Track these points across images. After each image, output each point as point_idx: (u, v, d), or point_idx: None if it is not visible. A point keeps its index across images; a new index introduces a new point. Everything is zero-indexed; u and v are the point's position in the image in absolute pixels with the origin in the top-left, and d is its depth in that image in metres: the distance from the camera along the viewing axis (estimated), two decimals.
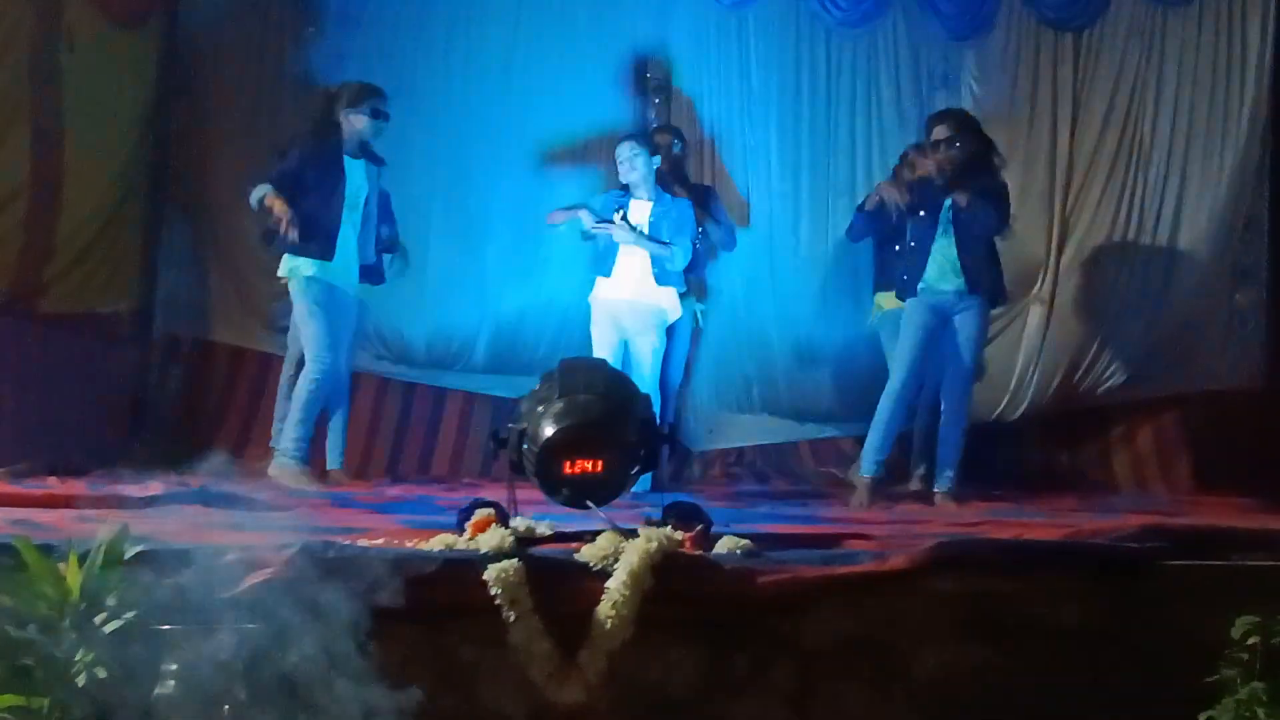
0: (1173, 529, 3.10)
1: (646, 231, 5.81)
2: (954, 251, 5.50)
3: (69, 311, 6.20)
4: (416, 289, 6.90)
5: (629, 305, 5.87)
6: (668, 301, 5.94)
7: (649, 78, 7.18)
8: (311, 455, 5.74)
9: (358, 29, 7.13)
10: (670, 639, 2.81)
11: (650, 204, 5.88)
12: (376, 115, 5.72)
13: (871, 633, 2.84)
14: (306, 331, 5.68)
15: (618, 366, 5.73)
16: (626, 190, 5.93)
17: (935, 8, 7.04)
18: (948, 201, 5.49)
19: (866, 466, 5.50)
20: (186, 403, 6.98)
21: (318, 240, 5.62)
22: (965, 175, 5.45)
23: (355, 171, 5.73)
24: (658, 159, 5.98)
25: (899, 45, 7.10)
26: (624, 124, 7.04)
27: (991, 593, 2.89)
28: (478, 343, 7.01)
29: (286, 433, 5.62)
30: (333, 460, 6.11)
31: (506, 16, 7.12)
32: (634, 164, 5.84)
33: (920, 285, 5.56)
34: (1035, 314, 6.98)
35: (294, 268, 5.67)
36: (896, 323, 6.01)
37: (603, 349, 5.84)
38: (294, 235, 5.51)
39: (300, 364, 5.80)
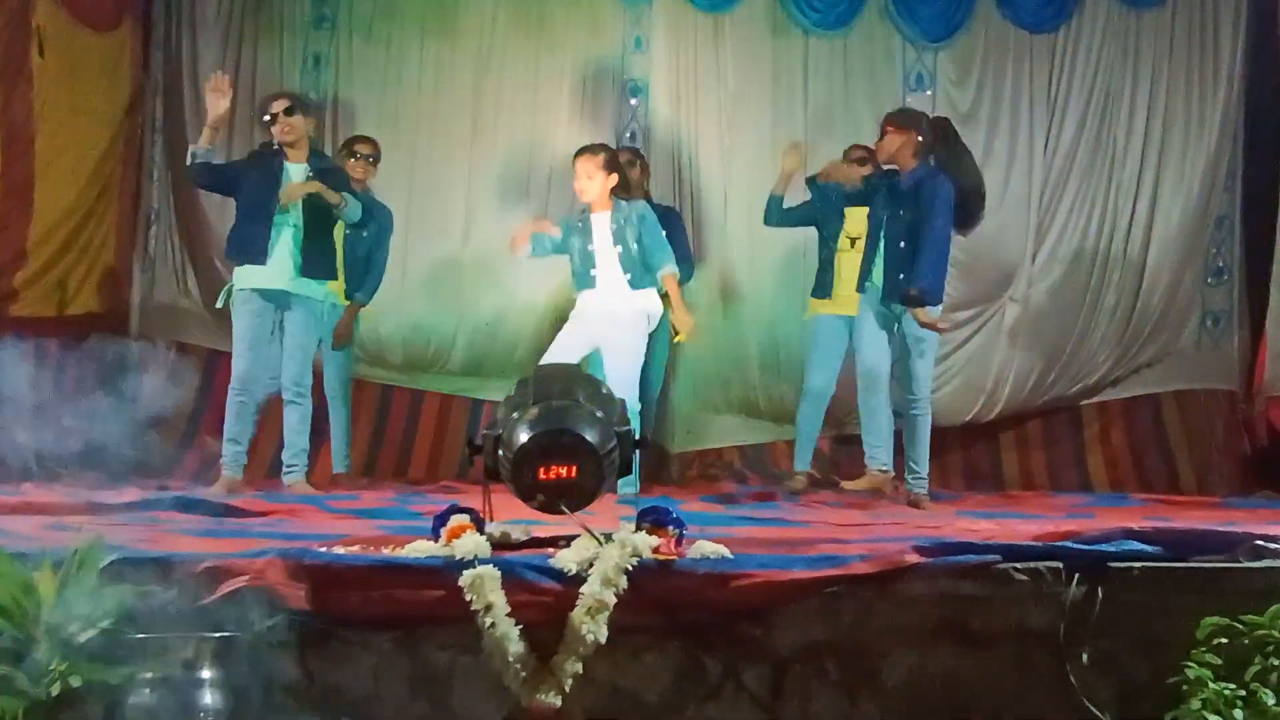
0: (1144, 530, 3.12)
1: (611, 240, 5.78)
2: (888, 253, 5.41)
3: (42, 315, 6.18)
4: (393, 291, 6.90)
5: (611, 313, 5.83)
6: (650, 305, 5.91)
7: (626, 81, 7.19)
8: (314, 461, 5.84)
9: (333, 35, 7.14)
10: (644, 644, 2.83)
11: (609, 212, 5.80)
12: (272, 119, 5.51)
13: (844, 636, 2.86)
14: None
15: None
16: (585, 208, 5.87)
17: (910, 11, 7.07)
18: (889, 200, 5.44)
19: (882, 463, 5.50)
20: (162, 408, 6.94)
21: (248, 248, 5.50)
22: (922, 173, 5.43)
23: (296, 177, 5.54)
24: (615, 178, 5.95)
25: (874, 48, 7.13)
26: (604, 126, 7.06)
27: (963, 595, 2.91)
28: (454, 345, 7.01)
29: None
30: (337, 464, 6.22)
31: (481, 21, 7.12)
32: (587, 185, 5.74)
33: (868, 283, 5.53)
34: (1010, 314, 7.03)
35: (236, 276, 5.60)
36: (825, 328, 6.17)
37: (565, 356, 5.74)
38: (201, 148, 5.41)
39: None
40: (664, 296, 5.87)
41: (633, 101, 7.19)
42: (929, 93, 7.09)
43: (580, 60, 7.13)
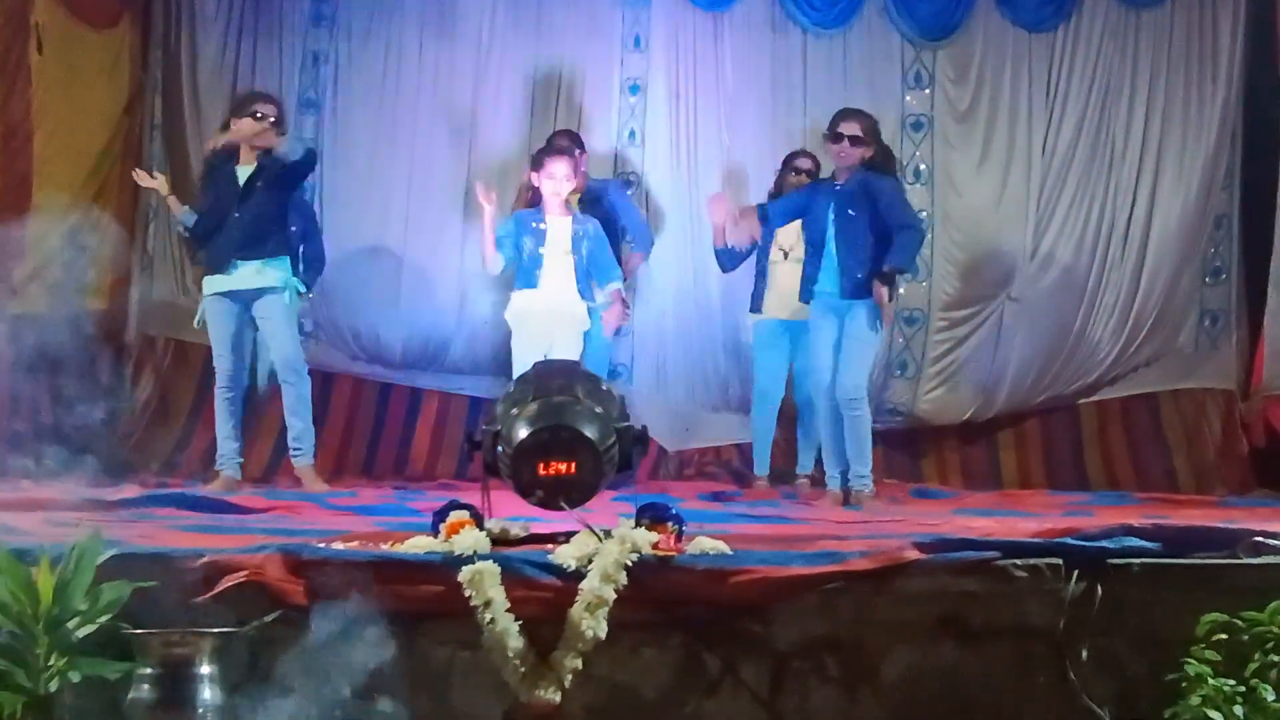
0: (1144, 527, 3.12)
1: (569, 248, 5.75)
2: (842, 254, 5.43)
3: (41, 313, 6.17)
4: (392, 289, 6.90)
5: (554, 316, 5.74)
6: (581, 309, 5.88)
7: (625, 80, 7.19)
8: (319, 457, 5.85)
9: (332, 33, 7.14)
10: (643, 640, 2.82)
11: (569, 220, 5.79)
12: (260, 118, 5.55)
13: (843, 633, 2.86)
14: None
15: None
16: (538, 206, 5.82)
17: (909, 9, 7.08)
18: (833, 204, 5.46)
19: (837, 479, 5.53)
20: (162, 405, 6.95)
21: (207, 254, 5.67)
22: (862, 177, 5.42)
23: (246, 177, 5.58)
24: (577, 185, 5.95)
25: (873, 46, 7.14)
26: (603, 126, 7.06)
27: (963, 592, 2.91)
28: (453, 343, 7.01)
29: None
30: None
31: (480, 20, 7.11)
32: (564, 186, 5.72)
33: (815, 289, 5.55)
34: (1009, 313, 7.03)
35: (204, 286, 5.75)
36: (764, 332, 6.30)
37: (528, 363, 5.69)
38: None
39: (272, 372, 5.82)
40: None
41: (632, 101, 7.19)
42: (928, 91, 7.10)
43: (579, 59, 7.12)
